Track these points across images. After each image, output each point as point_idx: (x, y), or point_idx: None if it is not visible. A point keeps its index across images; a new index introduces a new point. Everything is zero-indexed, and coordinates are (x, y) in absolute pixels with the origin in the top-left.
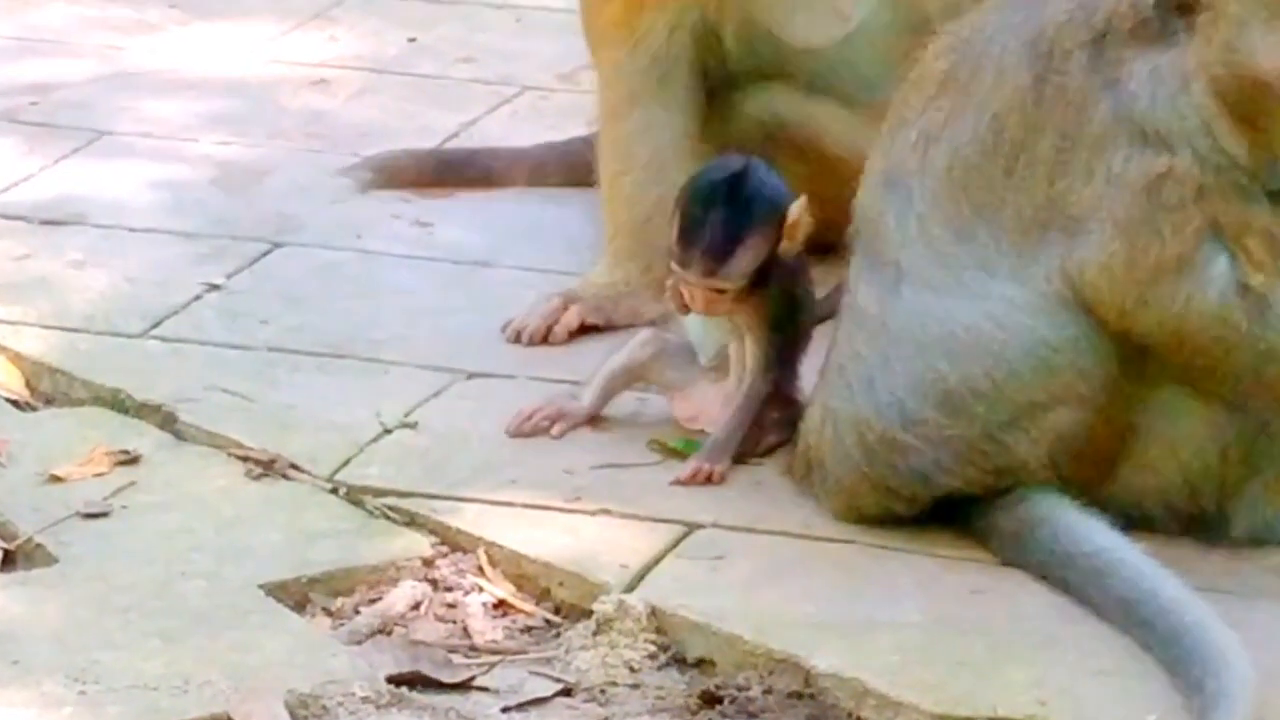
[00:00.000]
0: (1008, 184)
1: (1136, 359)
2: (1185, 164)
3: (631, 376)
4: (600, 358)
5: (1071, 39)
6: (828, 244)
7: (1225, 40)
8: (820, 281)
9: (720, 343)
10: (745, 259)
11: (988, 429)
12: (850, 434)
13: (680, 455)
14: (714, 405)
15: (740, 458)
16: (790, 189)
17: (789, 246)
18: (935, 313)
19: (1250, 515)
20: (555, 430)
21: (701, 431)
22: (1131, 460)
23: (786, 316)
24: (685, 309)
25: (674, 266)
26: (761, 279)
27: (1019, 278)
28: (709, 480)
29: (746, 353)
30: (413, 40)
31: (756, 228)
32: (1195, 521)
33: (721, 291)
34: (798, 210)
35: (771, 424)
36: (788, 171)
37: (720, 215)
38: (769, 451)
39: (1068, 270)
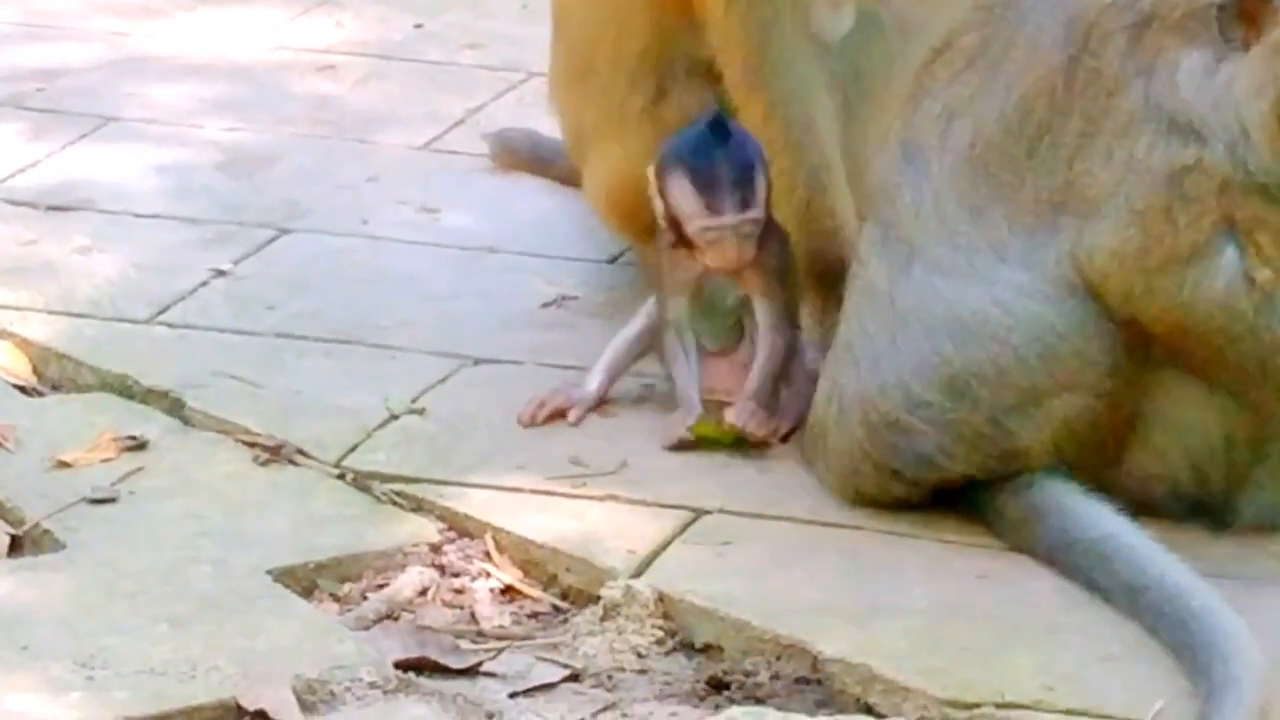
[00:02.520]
0: (1029, 165)
1: (1142, 345)
2: (1215, 159)
3: (642, 346)
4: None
5: (1113, 21)
6: None
7: None
8: None
9: (723, 327)
10: (763, 185)
11: (992, 414)
12: (855, 412)
13: (721, 444)
14: (728, 376)
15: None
16: None
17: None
18: (943, 295)
19: (1258, 501)
20: (572, 417)
21: (723, 404)
22: (1138, 446)
23: (785, 274)
24: (696, 286)
25: (703, 222)
26: (765, 234)
27: (1028, 262)
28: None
29: (758, 314)
30: (419, 26)
31: (757, 156)
32: (1202, 507)
33: (752, 227)
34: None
35: (784, 407)
36: None
37: (725, 152)
38: (784, 438)
39: (1077, 255)
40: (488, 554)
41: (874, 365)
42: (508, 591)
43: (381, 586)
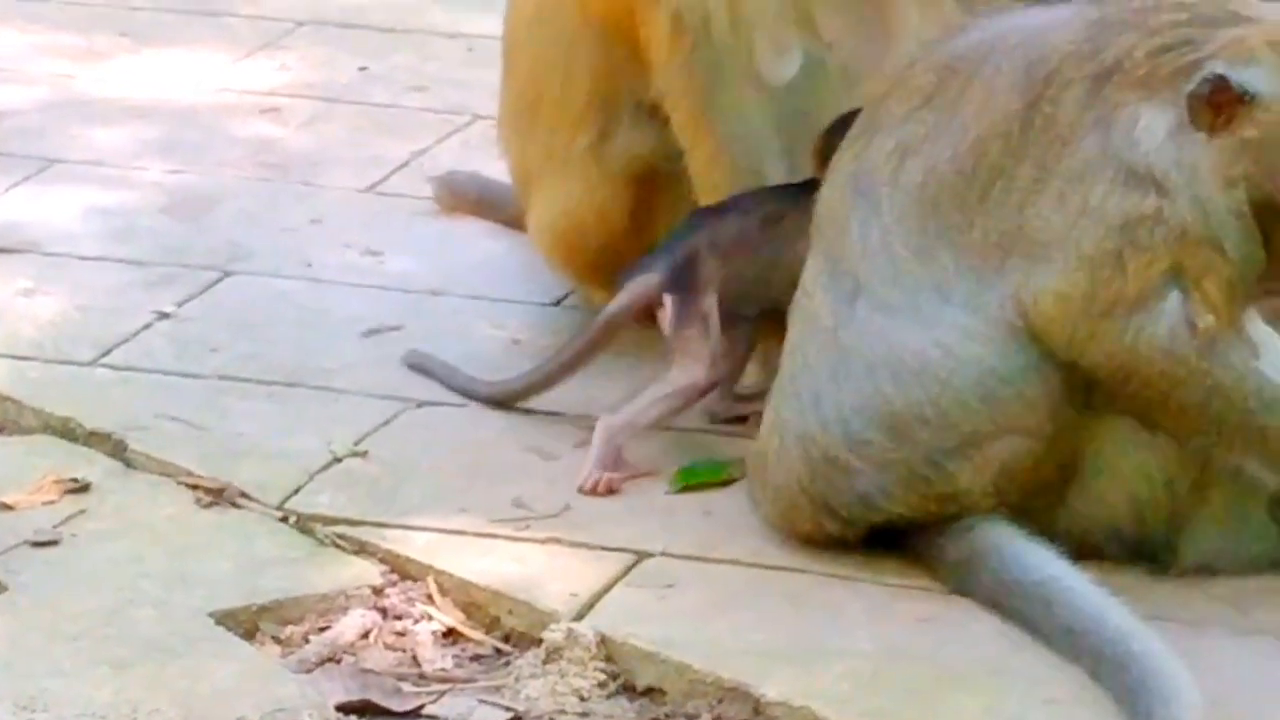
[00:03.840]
0: (979, 208)
1: (1084, 389)
2: (1177, 211)
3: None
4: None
5: (1074, 70)
6: None
7: (1269, 167)
8: None
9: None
10: None
11: (931, 456)
12: (795, 446)
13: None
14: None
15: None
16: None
17: None
18: (886, 334)
19: (1199, 544)
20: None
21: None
22: (1079, 489)
23: None
24: None
25: None
26: None
27: (972, 304)
28: None
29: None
30: (364, 69)
31: None
32: (1144, 550)
33: None
34: None
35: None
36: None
37: None
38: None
39: (1021, 298)
40: (430, 597)
41: (815, 400)
42: (450, 634)
43: (324, 629)
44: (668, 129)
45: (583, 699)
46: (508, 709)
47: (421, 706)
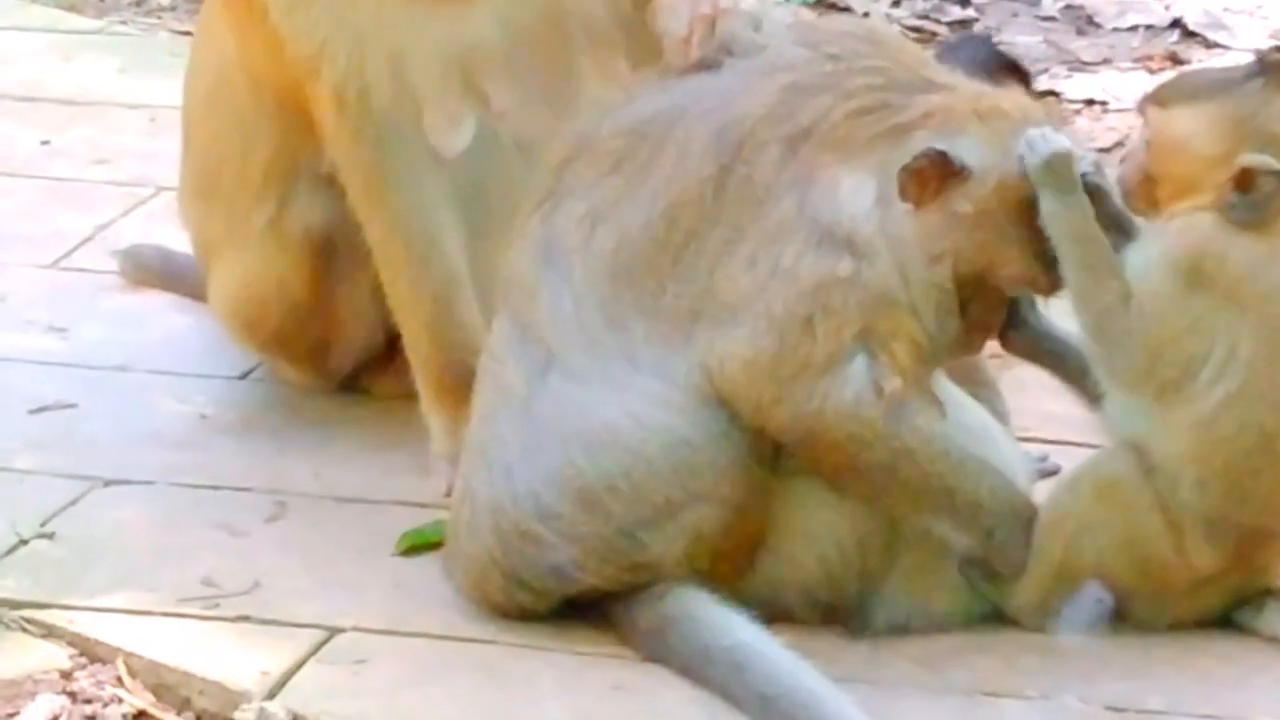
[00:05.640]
0: (672, 273)
1: (773, 454)
2: (875, 274)
3: None
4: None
5: (768, 132)
6: None
7: (980, 242)
8: None
9: None
10: None
11: (624, 526)
12: (486, 518)
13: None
14: None
15: None
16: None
17: None
18: (578, 405)
19: (890, 606)
20: None
21: None
22: (771, 553)
23: None
24: None
25: None
26: None
27: (662, 372)
28: None
29: None
30: (46, 143)
31: None
32: (836, 613)
33: None
34: None
35: None
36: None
37: None
38: None
39: (709, 363)
40: (120, 679)
41: (507, 472)
42: (140, 717)
43: (11, 715)
44: (346, 201)
45: None
46: None
47: None
